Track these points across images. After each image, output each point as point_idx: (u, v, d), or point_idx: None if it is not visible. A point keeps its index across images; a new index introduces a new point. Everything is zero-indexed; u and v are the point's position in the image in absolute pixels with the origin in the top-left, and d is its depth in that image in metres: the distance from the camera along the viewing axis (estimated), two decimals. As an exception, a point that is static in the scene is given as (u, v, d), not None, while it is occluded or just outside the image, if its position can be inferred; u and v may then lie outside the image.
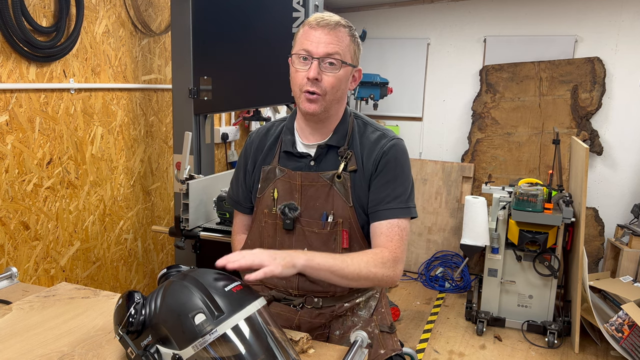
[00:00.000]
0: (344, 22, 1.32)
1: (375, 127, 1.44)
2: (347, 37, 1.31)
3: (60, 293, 1.36)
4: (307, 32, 1.30)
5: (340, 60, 1.29)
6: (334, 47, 1.28)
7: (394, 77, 4.39)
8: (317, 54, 1.28)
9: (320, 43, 1.27)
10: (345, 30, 1.31)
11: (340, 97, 1.35)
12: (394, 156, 1.37)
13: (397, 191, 1.35)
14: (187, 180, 2.21)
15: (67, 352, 1.07)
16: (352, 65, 1.33)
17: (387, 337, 1.48)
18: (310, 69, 1.28)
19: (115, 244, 2.66)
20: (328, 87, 1.29)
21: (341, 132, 1.39)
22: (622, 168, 3.95)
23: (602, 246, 3.96)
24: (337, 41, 1.28)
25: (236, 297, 0.97)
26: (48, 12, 2.14)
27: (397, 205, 1.34)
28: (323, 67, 1.28)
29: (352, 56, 1.32)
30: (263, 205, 1.44)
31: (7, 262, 2.04)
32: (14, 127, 2.04)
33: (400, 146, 1.40)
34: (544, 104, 4.00)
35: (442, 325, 3.40)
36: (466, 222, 3.36)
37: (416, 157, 4.50)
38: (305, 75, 1.29)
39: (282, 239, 1.40)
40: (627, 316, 2.85)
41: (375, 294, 1.51)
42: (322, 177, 1.36)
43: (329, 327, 1.43)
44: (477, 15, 4.19)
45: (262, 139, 1.49)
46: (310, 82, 1.28)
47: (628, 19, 3.80)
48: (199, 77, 2.40)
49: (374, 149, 1.38)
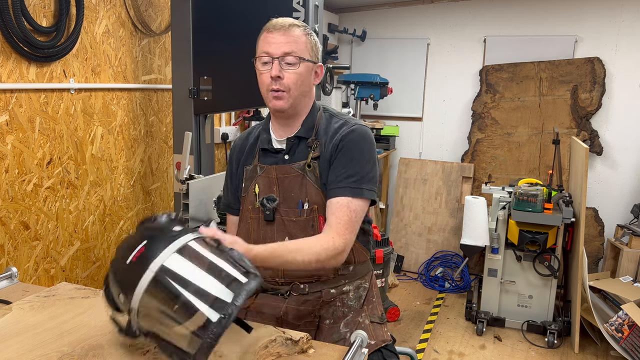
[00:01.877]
0: (298, 23, 1.42)
1: (340, 117, 1.51)
2: (303, 35, 1.40)
3: (60, 293, 1.36)
4: (265, 37, 1.41)
5: (298, 57, 1.38)
6: (290, 46, 1.37)
7: (394, 77, 4.39)
8: (276, 54, 1.37)
9: (277, 44, 1.37)
10: (300, 30, 1.40)
11: (305, 91, 1.44)
12: (352, 139, 1.42)
13: (349, 171, 1.40)
14: (187, 180, 2.21)
15: (67, 352, 1.07)
16: (312, 61, 1.42)
17: (378, 328, 1.51)
18: (272, 68, 1.37)
19: (115, 244, 2.66)
20: (291, 83, 1.38)
21: (308, 124, 1.47)
22: (622, 168, 3.95)
23: (602, 246, 3.96)
24: (293, 40, 1.38)
25: (133, 269, 0.96)
26: (48, 12, 2.14)
27: (348, 185, 1.38)
28: (283, 66, 1.38)
29: (310, 53, 1.41)
30: (247, 203, 1.51)
31: (7, 262, 2.04)
32: (14, 127, 2.04)
33: (361, 131, 1.44)
34: (544, 104, 4.00)
35: (442, 325, 3.41)
36: (466, 222, 3.36)
37: (416, 157, 4.50)
38: (269, 75, 1.38)
39: (264, 230, 1.47)
40: (627, 316, 2.85)
41: (364, 283, 1.54)
42: (294, 167, 1.44)
43: (319, 317, 1.47)
44: (477, 15, 4.19)
45: (244, 142, 1.59)
46: (274, 80, 1.38)
47: (628, 19, 3.80)
48: (199, 77, 2.40)
49: (335, 134, 1.44)
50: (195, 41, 2.38)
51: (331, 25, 4.27)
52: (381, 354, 1.46)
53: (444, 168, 4.29)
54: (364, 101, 4.14)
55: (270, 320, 1.46)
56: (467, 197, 3.43)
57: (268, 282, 1.48)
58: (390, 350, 1.50)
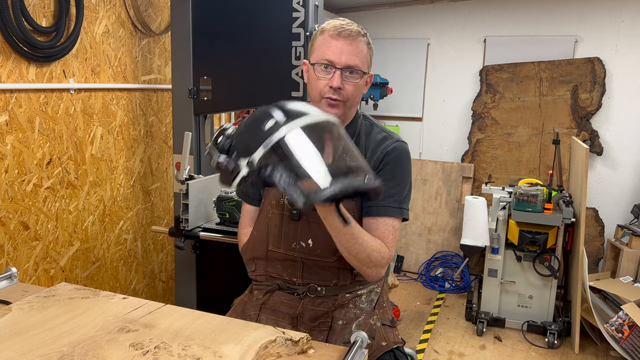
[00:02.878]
0: (362, 31, 1.38)
1: (381, 128, 1.51)
2: (365, 46, 1.37)
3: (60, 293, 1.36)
4: (328, 41, 1.35)
5: (360, 70, 1.36)
6: (355, 59, 1.34)
7: (394, 77, 4.39)
8: (340, 64, 1.34)
9: (343, 54, 1.33)
10: (364, 40, 1.37)
11: (357, 102, 1.44)
12: (396, 157, 1.43)
13: (392, 190, 1.41)
14: (187, 180, 2.21)
15: (67, 352, 1.06)
16: (368, 73, 1.42)
17: (389, 330, 1.52)
18: (333, 78, 1.34)
19: (115, 244, 2.66)
20: (349, 95, 1.37)
21: (350, 132, 1.45)
22: (622, 168, 3.95)
23: (602, 246, 3.96)
24: (358, 52, 1.35)
25: (301, 107, 1.09)
26: (48, 12, 2.14)
27: (391, 204, 1.40)
28: (344, 76, 1.35)
29: (368, 64, 1.40)
30: (271, 197, 1.49)
31: (7, 262, 2.04)
32: (14, 127, 2.04)
33: (403, 148, 1.46)
34: (544, 104, 4.00)
35: (442, 325, 3.40)
36: (466, 223, 3.36)
37: (416, 157, 4.50)
38: (327, 83, 1.35)
39: (287, 228, 1.46)
40: (627, 316, 2.85)
41: (377, 288, 1.55)
42: None
43: (332, 317, 1.48)
44: (477, 15, 4.19)
45: None
46: (333, 90, 1.35)
47: (628, 19, 3.80)
48: (199, 77, 2.40)
49: (378, 148, 1.44)
50: (195, 41, 2.38)
51: (331, 25, 4.26)
52: (393, 354, 1.47)
53: (444, 168, 4.29)
54: (364, 101, 4.14)
55: (285, 318, 1.47)
56: (467, 197, 3.43)
57: (285, 282, 1.48)
58: (401, 351, 1.52)
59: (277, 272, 1.49)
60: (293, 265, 1.47)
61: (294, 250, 1.46)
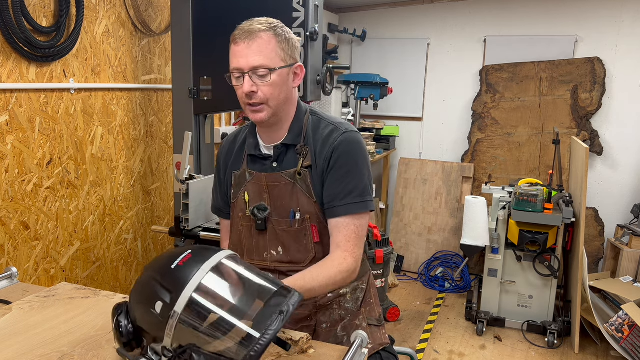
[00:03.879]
0: (263, 25, 1.30)
1: (329, 121, 1.42)
2: (270, 40, 1.28)
3: (60, 293, 1.36)
4: (233, 50, 1.32)
5: (267, 68, 1.28)
6: (257, 59, 1.27)
7: (394, 77, 4.39)
8: (245, 69, 1.28)
9: (244, 57, 1.28)
10: (267, 34, 1.28)
11: (285, 99, 1.34)
12: (345, 150, 1.36)
13: (350, 186, 1.35)
14: (187, 180, 2.21)
15: (67, 352, 1.07)
16: (286, 66, 1.31)
17: (375, 331, 1.48)
18: (244, 84, 1.29)
19: (115, 244, 2.66)
20: (267, 96, 1.30)
21: (295, 131, 1.40)
22: (622, 168, 3.95)
23: (602, 246, 3.96)
24: (259, 51, 1.27)
25: (183, 270, 0.95)
26: (48, 12, 2.14)
27: (352, 200, 1.34)
28: (255, 79, 1.29)
29: (282, 57, 1.30)
30: (238, 210, 1.47)
31: (7, 262, 2.04)
32: (14, 127, 2.04)
33: (352, 138, 1.37)
34: (544, 104, 4.00)
35: (442, 325, 3.40)
36: (466, 222, 3.36)
37: (416, 157, 4.50)
38: (242, 90, 1.30)
39: (257, 239, 1.44)
40: (627, 316, 2.85)
41: (362, 284, 1.51)
42: (284, 176, 1.38)
43: (316, 320, 1.45)
44: (477, 15, 4.19)
45: (231, 144, 1.52)
46: (248, 96, 1.30)
47: (628, 19, 3.80)
48: (199, 77, 2.40)
49: (326, 144, 1.37)
50: (195, 41, 2.38)
51: (331, 25, 4.27)
52: (379, 356, 1.44)
53: (444, 168, 4.29)
54: (364, 101, 4.14)
55: None
56: (467, 197, 3.43)
57: None
58: (389, 352, 1.48)
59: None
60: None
61: (266, 259, 1.44)
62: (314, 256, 1.40)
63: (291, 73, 1.34)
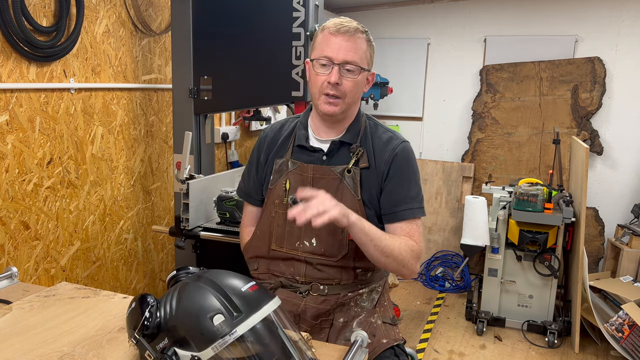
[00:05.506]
0: (361, 28, 1.38)
1: (386, 128, 1.53)
2: (365, 43, 1.38)
3: (60, 293, 1.36)
4: (327, 38, 1.37)
5: (358, 66, 1.36)
6: (352, 55, 1.35)
7: (394, 77, 4.39)
8: (337, 60, 1.35)
9: (340, 50, 1.35)
10: (363, 37, 1.37)
11: (357, 99, 1.44)
12: (405, 158, 1.47)
13: (412, 192, 1.45)
14: (187, 180, 2.21)
15: (67, 352, 1.07)
16: (368, 70, 1.41)
17: (390, 328, 1.53)
18: (331, 74, 1.35)
19: (115, 244, 2.66)
20: (347, 91, 1.38)
21: (354, 131, 1.47)
22: (622, 168, 3.95)
23: (602, 246, 3.96)
24: (356, 48, 1.35)
25: (253, 297, 0.98)
26: (48, 12, 2.14)
27: (415, 205, 1.45)
28: (342, 73, 1.36)
29: (368, 61, 1.40)
30: (274, 196, 1.50)
31: (7, 262, 2.04)
32: (14, 126, 2.04)
33: (410, 148, 1.51)
34: (544, 104, 4.00)
35: (442, 325, 3.41)
36: (466, 222, 3.36)
37: (416, 156, 4.50)
38: (326, 79, 1.36)
39: (291, 228, 1.47)
40: (627, 316, 2.85)
41: (378, 287, 1.56)
42: (333, 170, 1.44)
43: (334, 315, 1.49)
44: (477, 15, 4.19)
45: (276, 133, 1.57)
46: (331, 85, 1.36)
47: (628, 19, 3.80)
48: (199, 77, 2.40)
49: (385, 150, 1.46)
50: (195, 41, 2.38)
51: (331, 25, 4.26)
52: (394, 351, 1.48)
53: (444, 168, 4.29)
54: (364, 101, 4.14)
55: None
56: (468, 197, 3.43)
57: (288, 280, 1.49)
58: (401, 349, 1.53)
59: (280, 270, 1.50)
60: (296, 264, 1.48)
61: (297, 249, 1.47)
62: (347, 253, 1.44)
63: (367, 78, 1.44)
